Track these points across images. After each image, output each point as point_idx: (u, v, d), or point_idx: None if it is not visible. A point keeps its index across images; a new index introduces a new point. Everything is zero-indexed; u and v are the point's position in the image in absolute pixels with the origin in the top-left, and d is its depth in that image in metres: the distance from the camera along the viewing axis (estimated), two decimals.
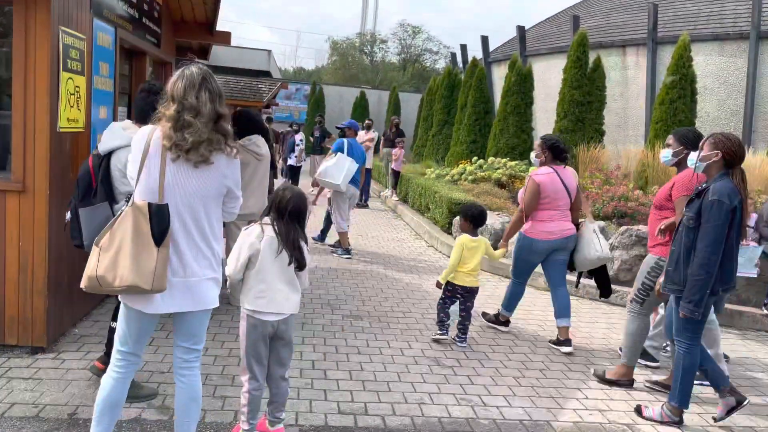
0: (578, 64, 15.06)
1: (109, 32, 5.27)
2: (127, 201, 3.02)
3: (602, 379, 4.90)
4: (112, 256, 2.84)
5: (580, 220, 5.80)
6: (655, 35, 16.01)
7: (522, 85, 16.96)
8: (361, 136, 14.74)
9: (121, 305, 3.06)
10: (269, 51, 36.21)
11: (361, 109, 32.01)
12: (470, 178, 14.84)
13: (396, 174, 15.36)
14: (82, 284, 2.90)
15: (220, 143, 2.95)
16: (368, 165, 14.67)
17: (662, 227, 4.63)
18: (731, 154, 3.95)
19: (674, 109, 12.70)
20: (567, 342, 5.56)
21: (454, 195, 10.76)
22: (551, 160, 5.66)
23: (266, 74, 31.90)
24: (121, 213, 2.92)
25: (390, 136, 16.21)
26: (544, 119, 17.53)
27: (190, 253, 2.97)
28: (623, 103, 16.75)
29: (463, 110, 19.90)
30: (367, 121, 15.41)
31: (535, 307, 6.96)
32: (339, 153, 8.81)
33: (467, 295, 5.49)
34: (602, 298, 6.17)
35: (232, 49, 36.47)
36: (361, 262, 8.63)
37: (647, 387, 4.87)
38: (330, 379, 4.57)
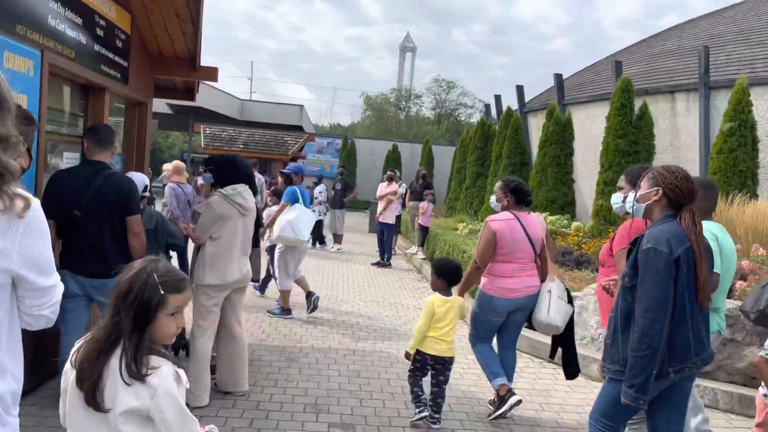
0: (622, 111, 13.92)
1: (30, 55, 4.15)
2: None
3: None
4: None
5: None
6: (707, 79, 14.66)
7: (561, 135, 15.89)
8: (382, 188, 13.53)
9: None
10: (301, 106, 35.92)
11: (393, 163, 31.20)
12: None
13: (424, 229, 14.03)
14: None
15: None
16: (390, 220, 13.36)
17: (604, 284, 3.98)
18: (675, 191, 3.14)
19: (734, 158, 11.39)
20: (509, 393, 4.82)
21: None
22: (514, 204, 5.07)
23: (298, 129, 31.46)
24: None
25: (417, 188, 14.94)
26: (585, 171, 16.22)
27: None
28: (674, 152, 15.36)
29: (498, 161, 18.82)
30: (389, 173, 14.14)
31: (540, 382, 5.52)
32: (297, 204, 7.78)
33: (439, 366, 4.70)
34: (567, 380, 5.13)
35: (265, 105, 36.54)
36: (371, 338, 7.21)
37: None
38: None
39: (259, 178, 15.12)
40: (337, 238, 15.53)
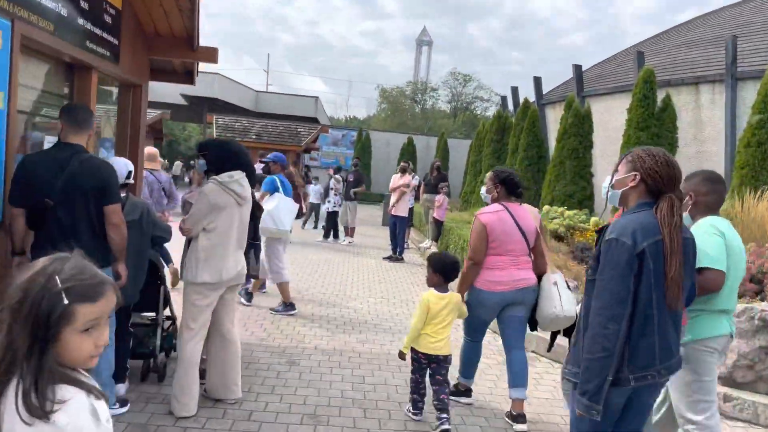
0: (644, 102, 13.42)
1: None
2: None
3: None
4: None
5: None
6: (734, 70, 14.07)
7: (580, 127, 15.40)
8: (395, 180, 13.06)
9: None
10: (316, 98, 35.64)
11: (408, 155, 30.82)
12: None
13: (438, 223, 13.55)
14: None
15: None
16: (403, 212, 12.89)
17: None
18: (654, 177, 2.78)
19: (763, 152, 10.86)
20: (521, 417, 4.63)
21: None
22: (504, 196, 4.91)
23: (313, 120, 31.13)
24: None
25: (431, 180, 14.46)
26: (605, 164, 15.67)
27: None
28: (697, 146, 14.80)
29: (515, 154, 18.37)
30: (402, 164, 13.63)
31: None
32: (277, 194, 7.40)
33: (434, 365, 4.48)
34: None
35: (281, 96, 36.24)
36: (379, 339, 6.74)
37: None
38: None
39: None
40: (349, 231, 15.12)
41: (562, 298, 4.60)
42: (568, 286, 4.73)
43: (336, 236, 15.16)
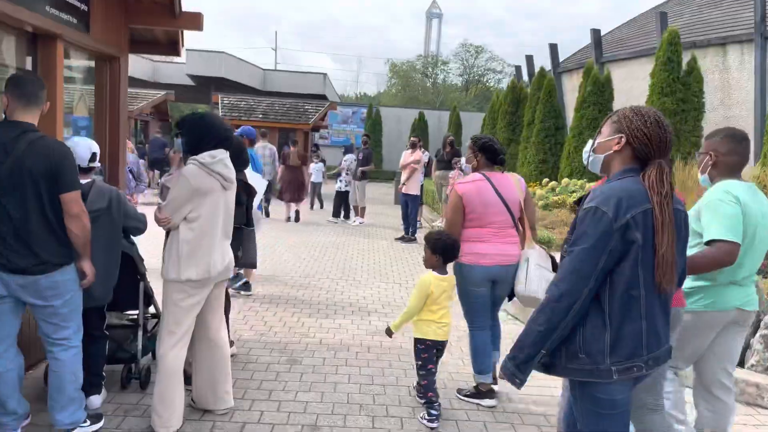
0: (669, 66, 12.68)
1: None
2: None
3: None
4: None
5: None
6: (764, 29, 13.28)
7: (600, 95, 14.74)
8: (406, 156, 12.42)
9: None
10: (324, 74, 34.87)
11: (419, 131, 30.03)
12: (541, 203, 12.68)
13: None
14: None
15: None
16: (414, 191, 12.25)
17: None
18: (642, 140, 2.44)
19: None
20: (485, 395, 4.49)
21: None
22: (485, 164, 4.61)
23: (322, 98, 30.47)
24: None
25: (444, 156, 13.79)
26: None
27: None
28: (724, 111, 14.07)
29: (530, 127, 17.70)
30: (412, 138, 12.95)
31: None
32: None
33: (441, 351, 4.30)
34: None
35: (288, 74, 35.61)
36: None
37: None
38: None
39: (270, 148, 14.20)
40: (359, 211, 14.52)
41: (528, 276, 4.33)
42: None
43: (347, 216, 14.59)
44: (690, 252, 3.04)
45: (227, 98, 23.07)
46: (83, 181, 3.73)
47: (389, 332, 4.31)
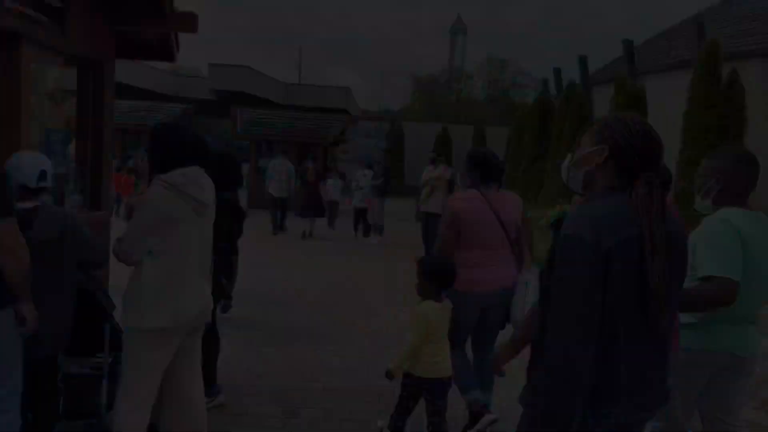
0: (708, 79, 11.92)
1: None
2: None
3: None
4: None
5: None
6: None
7: (633, 109, 13.91)
8: (428, 172, 11.68)
9: None
10: (347, 88, 34.48)
11: (443, 147, 29.36)
12: None
13: None
14: None
15: None
16: (436, 209, 11.45)
17: None
18: (626, 152, 2.05)
19: None
20: (479, 413, 4.09)
21: (549, 247, 7.52)
22: (481, 181, 4.31)
23: (344, 112, 30.06)
24: None
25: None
26: None
27: None
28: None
29: (559, 141, 16.96)
30: (430, 154, 12.28)
31: None
32: None
33: (438, 390, 3.80)
34: None
35: (310, 88, 35.18)
36: None
37: None
38: None
39: (288, 165, 13.89)
40: (376, 229, 13.95)
41: (527, 302, 4.02)
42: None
43: (366, 233, 14.01)
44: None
45: (246, 112, 22.71)
46: (29, 205, 3.10)
47: (390, 375, 3.79)
